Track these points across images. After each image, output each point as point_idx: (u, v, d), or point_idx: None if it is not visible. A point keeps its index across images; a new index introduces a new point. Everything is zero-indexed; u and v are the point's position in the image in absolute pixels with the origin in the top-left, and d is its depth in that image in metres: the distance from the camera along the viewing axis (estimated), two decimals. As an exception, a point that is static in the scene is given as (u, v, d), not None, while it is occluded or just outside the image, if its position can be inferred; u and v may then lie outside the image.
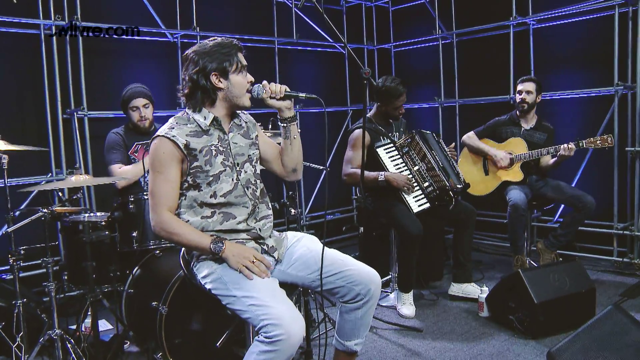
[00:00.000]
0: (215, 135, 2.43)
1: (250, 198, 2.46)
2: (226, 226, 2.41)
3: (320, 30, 6.31)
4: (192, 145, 2.35)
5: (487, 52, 5.92)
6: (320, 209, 6.59)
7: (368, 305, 2.50)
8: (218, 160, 2.39)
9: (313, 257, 2.48)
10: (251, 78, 2.44)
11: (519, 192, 4.42)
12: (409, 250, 3.93)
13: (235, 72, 2.38)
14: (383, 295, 4.38)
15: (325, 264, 2.43)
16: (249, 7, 5.93)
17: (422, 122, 6.59)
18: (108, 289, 3.28)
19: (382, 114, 4.23)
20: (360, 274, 2.44)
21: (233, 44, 2.39)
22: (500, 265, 5.14)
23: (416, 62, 6.78)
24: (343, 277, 2.43)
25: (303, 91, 2.56)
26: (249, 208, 2.45)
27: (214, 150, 2.40)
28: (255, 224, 2.48)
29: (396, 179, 3.95)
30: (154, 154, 2.35)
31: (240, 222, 2.43)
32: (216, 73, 2.35)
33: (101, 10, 4.83)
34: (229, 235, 2.42)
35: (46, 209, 2.80)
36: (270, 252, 2.50)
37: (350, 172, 4.10)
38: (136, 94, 3.80)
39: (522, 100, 4.59)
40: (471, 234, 4.25)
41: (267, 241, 2.51)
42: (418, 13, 6.49)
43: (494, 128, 4.79)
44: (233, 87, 2.39)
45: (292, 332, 2.06)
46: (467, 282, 4.24)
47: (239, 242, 2.42)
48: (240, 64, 2.39)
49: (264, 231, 2.51)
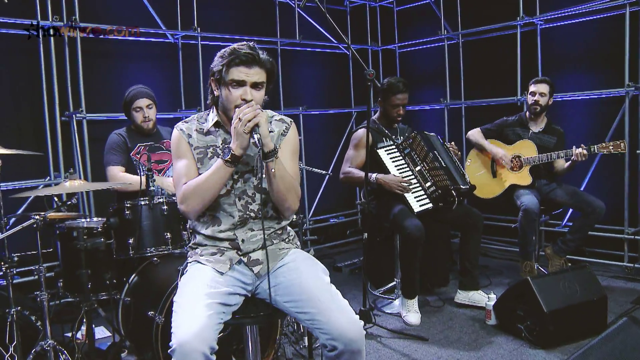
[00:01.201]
0: (220, 137, 2.37)
1: (240, 209, 2.34)
2: (209, 231, 2.36)
3: (324, 30, 6.22)
4: (191, 141, 2.34)
5: (494, 52, 5.82)
6: (323, 213, 6.50)
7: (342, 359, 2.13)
8: (213, 162, 2.29)
9: (299, 285, 2.24)
10: (247, 96, 2.22)
11: (531, 197, 4.30)
12: (411, 253, 3.83)
13: (224, 85, 2.25)
14: (387, 302, 4.28)
15: (301, 297, 2.19)
16: (250, 8, 5.85)
17: (428, 124, 6.50)
18: (104, 297, 3.18)
19: (384, 115, 4.14)
20: (330, 325, 2.10)
21: (238, 53, 2.20)
22: (508, 271, 5.02)
23: (421, 63, 6.70)
24: (311, 321, 2.16)
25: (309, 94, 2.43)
26: (234, 218, 2.34)
27: (211, 152, 2.33)
28: (244, 234, 2.36)
29: (387, 182, 3.88)
30: (173, 144, 2.38)
31: (222, 230, 2.35)
32: (213, 79, 2.30)
33: (100, 10, 4.75)
34: (211, 242, 2.37)
35: (38, 216, 2.70)
36: (250, 265, 2.34)
37: (347, 171, 4.04)
38: (140, 95, 3.76)
39: (535, 102, 4.47)
40: (478, 239, 4.13)
41: (253, 254, 2.36)
42: (423, 13, 6.40)
43: (502, 128, 4.68)
44: (223, 99, 2.30)
45: (183, 346, 1.94)
46: (473, 289, 4.12)
47: (219, 249, 2.35)
48: (225, 79, 2.22)
49: (249, 243, 2.36)
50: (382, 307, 4.25)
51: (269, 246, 2.37)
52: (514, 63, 5.44)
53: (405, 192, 3.89)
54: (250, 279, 2.34)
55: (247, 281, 2.33)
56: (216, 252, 2.34)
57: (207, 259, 2.32)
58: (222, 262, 2.31)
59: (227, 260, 2.32)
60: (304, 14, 6.07)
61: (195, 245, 2.41)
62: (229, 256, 2.33)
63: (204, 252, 2.35)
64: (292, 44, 6.01)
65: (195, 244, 2.42)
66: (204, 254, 2.34)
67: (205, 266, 2.30)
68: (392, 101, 4.05)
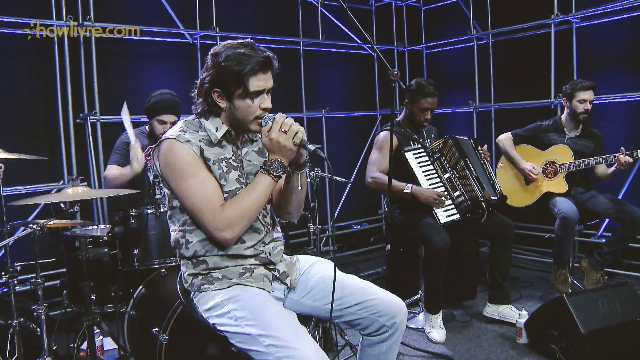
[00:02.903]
0: (228, 148, 2.12)
1: (262, 222, 2.17)
2: (233, 250, 2.09)
3: (348, 30, 6.03)
4: (206, 154, 2.04)
5: (526, 53, 5.57)
6: (346, 219, 6.30)
7: (393, 338, 2.20)
8: (233, 177, 2.09)
9: (331, 286, 2.15)
10: (267, 105, 2.03)
11: (569, 204, 4.02)
12: (435, 266, 3.60)
13: (241, 97, 2.00)
14: (411, 316, 4.04)
15: (345, 293, 2.16)
16: (272, 7, 5.70)
17: (456, 127, 6.27)
18: (110, 309, 3.03)
19: (410, 118, 3.91)
20: (385, 303, 2.16)
21: (254, 61, 1.96)
22: (539, 283, 4.74)
23: (449, 64, 6.48)
24: (366, 308, 2.16)
25: (332, 96, 2.21)
26: (261, 234, 2.15)
27: (226, 166, 2.08)
28: (265, 247, 2.18)
29: (424, 194, 3.64)
30: (174, 160, 1.99)
31: (248, 247, 2.12)
32: (218, 91, 2.01)
33: (116, 10, 4.64)
34: (234, 261, 2.10)
35: (35, 225, 2.54)
36: (282, 279, 2.20)
37: (376, 176, 3.80)
38: (168, 109, 3.50)
39: (585, 111, 4.14)
40: (509, 250, 3.87)
41: (278, 266, 2.21)
42: (451, 12, 6.19)
43: (535, 133, 4.40)
44: (235, 111, 2.03)
45: None
46: (504, 303, 3.86)
47: (246, 268, 2.12)
48: (248, 90, 1.98)
49: (274, 255, 2.20)
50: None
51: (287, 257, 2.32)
52: (547, 64, 5.18)
53: (440, 206, 3.66)
54: (283, 293, 2.21)
55: (280, 296, 2.21)
56: (244, 272, 2.11)
57: (245, 280, 2.09)
58: (261, 280, 2.12)
59: (263, 278, 2.13)
60: (327, 13, 5.89)
61: (208, 271, 2.10)
62: (261, 274, 2.13)
63: (229, 274, 2.09)
64: (314, 44, 5.84)
65: (208, 269, 2.09)
66: (232, 277, 2.08)
67: (251, 287, 2.07)
68: (421, 104, 3.82)
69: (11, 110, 4.24)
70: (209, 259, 2.09)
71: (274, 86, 2.08)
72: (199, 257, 2.10)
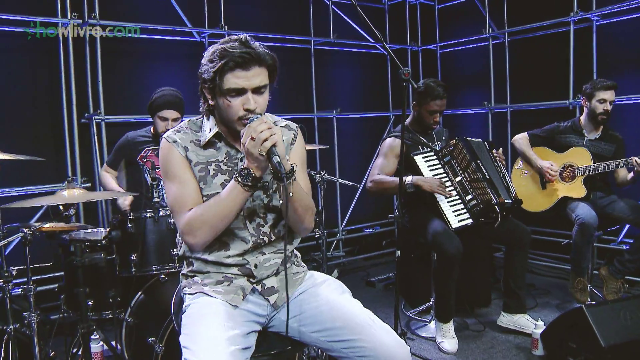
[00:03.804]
0: (223, 150, 2.00)
1: (254, 234, 2.00)
2: (212, 256, 1.98)
3: (360, 29, 5.89)
4: (190, 155, 1.96)
5: (543, 52, 5.40)
6: (357, 223, 6.16)
7: None
8: (217, 181, 1.96)
9: (329, 311, 1.97)
10: (249, 106, 1.84)
11: (588, 209, 3.84)
12: (446, 273, 3.45)
13: (219, 96, 1.87)
14: (421, 325, 3.92)
15: (336, 325, 1.93)
16: (282, 4, 5.59)
17: (470, 129, 6.12)
18: (108, 316, 2.92)
19: (418, 121, 3.77)
20: (377, 349, 1.85)
21: (231, 56, 1.80)
22: (556, 291, 4.57)
23: (464, 64, 6.32)
24: (352, 349, 1.89)
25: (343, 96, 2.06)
26: (247, 244, 2.00)
27: (213, 169, 1.96)
28: (254, 258, 2.01)
29: (427, 182, 3.47)
30: (162, 159, 1.99)
31: (230, 256, 1.98)
32: (205, 88, 1.91)
33: (122, 8, 4.56)
34: (216, 268, 2.00)
35: (27, 229, 2.44)
36: (265, 295, 2.02)
37: (375, 178, 3.65)
38: (169, 105, 3.44)
39: (605, 111, 3.98)
40: (525, 257, 3.71)
41: (266, 281, 2.04)
42: (466, 11, 6.02)
43: (552, 135, 4.23)
44: (219, 110, 1.92)
45: None
46: (519, 312, 3.71)
47: (226, 277, 1.99)
48: (222, 88, 1.83)
49: (263, 269, 2.02)
50: (416, 330, 3.88)
51: (282, 271, 2.06)
52: (565, 64, 5.01)
53: (446, 195, 3.52)
54: (266, 310, 2.03)
55: (262, 313, 2.02)
56: (222, 281, 1.98)
57: (213, 289, 1.96)
58: (233, 293, 1.97)
59: (238, 290, 1.98)
60: (339, 11, 5.76)
61: (193, 273, 2.05)
62: (239, 285, 1.98)
63: (207, 280, 2.00)
64: (326, 43, 5.71)
65: (193, 271, 2.04)
66: (207, 283, 1.99)
67: (214, 299, 1.94)
68: (429, 107, 3.67)
69: (16, 109, 4.18)
70: (195, 262, 2.04)
71: (276, 86, 1.95)
72: (188, 258, 2.05)
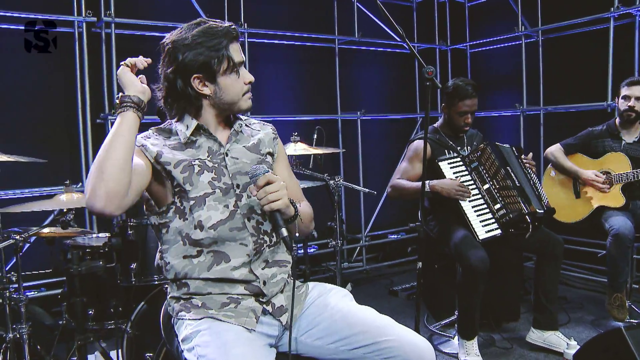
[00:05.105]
0: (204, 147, 1.84)
1: (253, 233, 1.83)
2: (216, 273, 1.78)
3: (386, 27, 5.69)
4: (164, 158, 1.77)
5: (580, 51, 5.14)
6: (381, 228, 5.95)
7: None
8: (204, 179, 1.79)
9: (343, 319, 1.83)
10: (249, 78, 1.84)
11: (624, 219, 3.58)
12: (471, 288, 3.22)
13: (226, 74, 1.79)
14: (444, 340, 3.69)
15: (354, 331, 1.80)
16: (304, 1, 5.44)
17: (501, 132, 5.89)
18: (110, 326, 2.79)
19: (449, 124, 3.57)
20: (405, 347, 1.75)
21: (225, 31, 1.78)
22: (591, 305, 4.28)
23: (495, 64, 6.08)
24: (378, 352, 1.76)
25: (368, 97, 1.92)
26: (248, 246, 1.81)
27: (198, 166, 1.79)
28: (260, 271, 1.83)
29: (444, 187, 3.28)
30: None
31: (236, 267, 1.79)
32: (199, 76, 1.76)
33: (138, 5, 4.46)
34: (219, 287, 1.79)
35: (19, 235, 2.31)
36: (276, 315, 1.84)
37: (394, 182, 3.47)
38: None
39: (629, 107, 3.75)
40: (557, 270, 3.45)
41: (275, 299, 1.86)
42: (498, 8, 5.79)
43: (587, 141, 3.96)
44: (222, 93, 1.80)
45: None
46: (550, 329, 3.45)
47: (232, 298, 1.80)
48: (232, 61, 1.79)
49: (271, 285, 1.85)
50: (439, 345, 3.66)
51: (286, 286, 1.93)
52: (604, 63, 4.73)
53: (465, 199, 3.30)
54: (277, 331, 1.86)
55: (273, 333, 1.86)
56: (228, 303, 1.79)
57: (222, 313, 1.78)
58: (245, 316, 1.78)
59: (249, 313, 1.79)
60: (364, 9, 5.57)
61: (188, 296, 1.82)
62: (248, 307, 1.80)
63: (209, 303, 1.79)
64: (350, 42, 5.53)
65: (189, 294, 1.82)
66: (211, 307, 1.79)
67: (227, 324, 1.75)
68: (459, 108, 3.46)
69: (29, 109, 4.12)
70: (191, 282, 1.80)
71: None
72: (180, 279, 1.82)
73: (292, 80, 5.40)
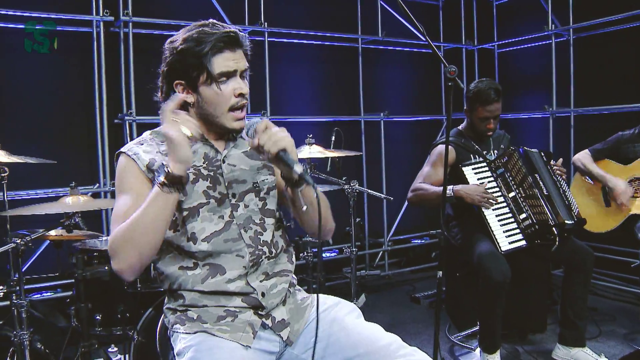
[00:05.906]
0: (199, 153, 1.74)
1: (250, 244, 1.73)
2: (210, 285, 1.69)
3: (410, 26, 5.56)
4: (156, 166, 1.67)
5: (613, 50, 4.96)
6: (404, 233, 5.82)
7: None
8: (199, 188, 1.70)
9: (346, 338, 1.72)
10: (242, 90, 1.68)
11: None
12: (492, 300, 3.08)
13: (206, 84, 1.66)
14: (466, 352, 3.55)
15: (359, 352, 1.68)
16: (326, 0, 5.33)
17: (529, 135, 5.72)
18: (118, 332, 2.73)
19: (471, 127, 3.44)
20: None
21: (216, 37, 1.64)
22: (623, 318, 4.08)
23: (524, 64, 5.92)
24: None
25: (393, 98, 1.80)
26: (245, 258, 1.71)
27: (193, 175, 1.70)
28: (259, 283, 1.74)
29: (469, 193, 3.15)
30: (118, 174, 1.72)
31: (231, 279, 1.70)
32: (181, 82, 1.67)
33: (157, 4, 4.44)
34: (215, 300, 1.70)
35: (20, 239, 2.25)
36: (276, 330, 1.75)
37: (416, 187, 3.37)
38: None
39: None
40: (587, 283, 3.28)
41: (275, 312, 1.76)
42: (527, 6, 5.62)
43: (617, 146, 3.78)
44: (205, 104, 1.68)
45: None
46: (578, 346, 3.28)
47: (229, 311, 1.70)
48: (212, 73, 1.64)
49: (271, 296, 1.75)
50: (460, 357, 3.52)
51: (288, 298, 1.84)
52: (638, 62, 4.54)
53: (490, 207, 3.18)
54: (277, 347, 1.76)
55: (274, 350, 1.76)
56: (224, 316, 1.70)
57: (217, 327, 1.69)
58: (241, 331, 1.69)
59: (246, 327, 1.70)
60: (388, 7, 5.45)
61: (184, 308, 1.74)
62: (245, 320, 1.71)
63: (205, 316, 1.71)
64: (374, 41, 5.42)
65: (185, 305, 1.73)
66: (206, 320, 1.71)
67: (221, 339, 1.67)
68: (480, 113, 3.33)
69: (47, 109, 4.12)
70: (186, 294, 1.72)
71: (250, 72, 1.74)
72: (175, 290, 1.73)
73: (313, 80, 5.31)
